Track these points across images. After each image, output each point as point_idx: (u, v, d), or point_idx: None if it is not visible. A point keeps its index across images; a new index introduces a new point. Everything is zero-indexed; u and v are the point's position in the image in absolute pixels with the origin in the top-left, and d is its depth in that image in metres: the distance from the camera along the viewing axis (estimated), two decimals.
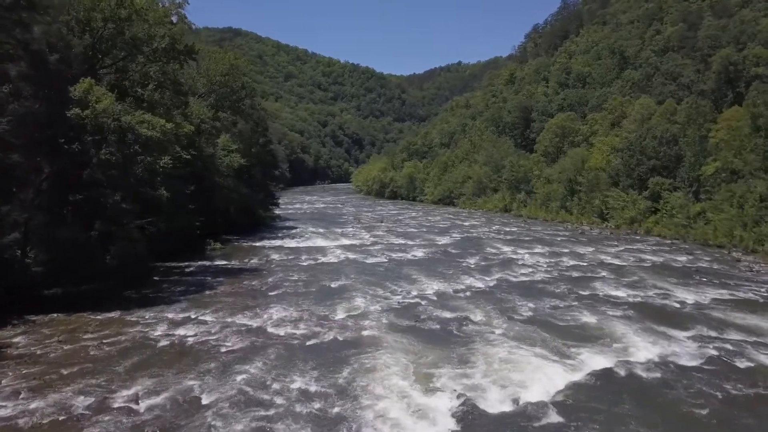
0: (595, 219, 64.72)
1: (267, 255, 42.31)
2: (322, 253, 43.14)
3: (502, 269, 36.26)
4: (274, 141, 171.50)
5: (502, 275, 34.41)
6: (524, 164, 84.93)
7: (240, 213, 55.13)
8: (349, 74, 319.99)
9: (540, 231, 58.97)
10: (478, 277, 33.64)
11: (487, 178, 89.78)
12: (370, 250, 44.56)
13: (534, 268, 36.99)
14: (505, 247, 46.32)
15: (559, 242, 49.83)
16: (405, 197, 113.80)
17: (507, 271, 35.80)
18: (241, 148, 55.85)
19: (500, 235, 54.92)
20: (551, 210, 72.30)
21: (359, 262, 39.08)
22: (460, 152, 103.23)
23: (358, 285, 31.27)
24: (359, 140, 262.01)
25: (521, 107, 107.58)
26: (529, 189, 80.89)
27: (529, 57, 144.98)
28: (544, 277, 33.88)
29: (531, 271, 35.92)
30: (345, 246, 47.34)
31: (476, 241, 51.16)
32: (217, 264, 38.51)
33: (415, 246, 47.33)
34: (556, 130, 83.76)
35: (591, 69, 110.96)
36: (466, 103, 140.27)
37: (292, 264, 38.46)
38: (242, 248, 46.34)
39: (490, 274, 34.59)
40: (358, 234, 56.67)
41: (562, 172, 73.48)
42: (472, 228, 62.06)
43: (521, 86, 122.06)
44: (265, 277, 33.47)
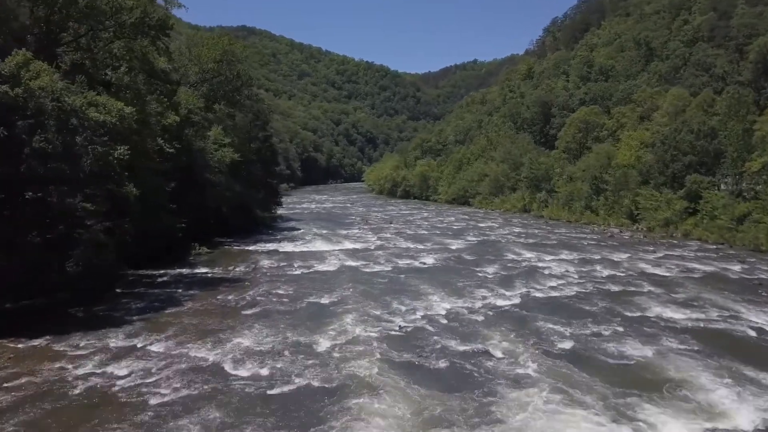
0: (624, 220, 58.63)
1: (256, 261, 37.00)
2: (320, 260, 37.74)
3: (527, 281, 30.52)
4: (286, 139, 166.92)
5: (526, 289, 28.69)
6: (544, 161, 78.93)
7: (235, 213, 49.93)
8: (363, 72, 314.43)
9: (564, 234, 53.06)
10: (497, 292, 27.97)
11: (504, 176, 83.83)
12: (373, 256, 39.08)
13: (564, 279, 31.21)
14: (528, 253, 40.57)
15: (587, 247, 43.96)
16: (417, 196, 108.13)
17: (532, 283, 30.06)
18: (236, 142, 50.63)
19: (520, 239, 49.12)
20: (575, 210, 66.26)
21: (359, 271, 33.58)
22: (476, 149, 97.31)
23: (353, 302, 25.78)
24: (373, 139, 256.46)
25: (540, 102, 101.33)
26: (549, 188, 74.87)
27: (548, 51, 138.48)
28: (578, 292, 28.10)
29: (561, 283, 30.14)
30: (347, 251, 41.92)
31: (494, 245, 45.45)
32: (197, 272, 33.25)
33: (425, 251, 41.75)
34: (579, 125, 77.57)
35: (614, 62, 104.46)
36: (482, 99, 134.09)
37: (282, 273, 33.08)
38: (231, 253, 41.12)
39: (512, 288, 28.89)
40: (364, 236, 51.23)
41: (586, 169, 67.44)
42: (489, 230, 56.31)
43: (540, 80, 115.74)
44: (246, 291, 28.11)
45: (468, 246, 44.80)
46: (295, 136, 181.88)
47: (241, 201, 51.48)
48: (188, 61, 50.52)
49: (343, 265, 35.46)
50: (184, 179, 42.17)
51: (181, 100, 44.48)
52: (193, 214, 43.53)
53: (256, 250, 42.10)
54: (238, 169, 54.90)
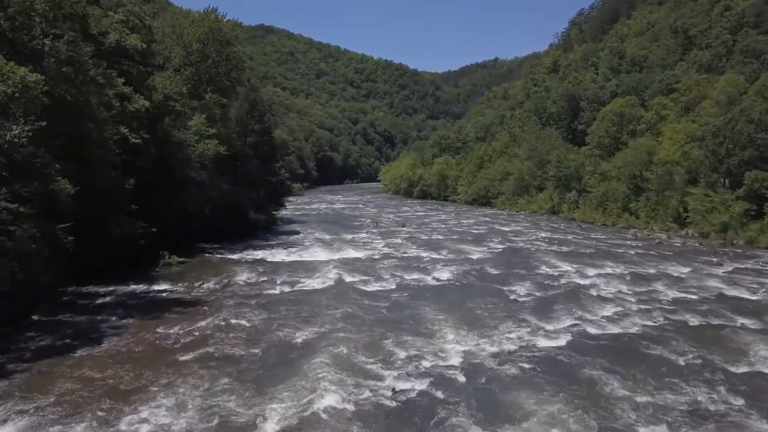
0: (670, 224, 50.60)
1: (233, 275, 29.95)
2: (311, 273, 30.60)
3: (571, 308, 22.96)
4: (301, 138, 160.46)
5: (572, 321, 21.15)
6: (574, 158, 71.00)
7: (222, 215, 43.03)
8: (382, 71, 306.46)
9: (602, 240, 45.23)
10: (534, 326, 20.49)
11: (530, 174, 75.98)
12: (377, 269, 31.80)
13: (620, 305, 23.59)
14: (565, 265, 32.99)
15: (635, 257, 36.19)
16: (435, 197, 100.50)
17: (579, 311, 22.50)
18: (225, 133, 43.78)
19: (553, 246, 41.47)
20: (610, 212, 58.28)
21: (355, 291, 26.31)
22: (498, 146, 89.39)
23: (334, 342, 18.47)
24: (391, 138, 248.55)
25: (567, 95, 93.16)
26: (580, 187, 66.95)
27: (574, 44, 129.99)
28: (645, 327, 20.49)
29: (617, 312, 22.51)
30: (347, 261, 34.72)
31: (523, 254, 37.89)
32: (152, 290, 26.28)
33: (441, 262, 34.36)
34: (612, 118, 69.38)
35: (648, 51, 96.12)
36: (504, 94, 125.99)
37: (258, 292, 25.97)
38: (208, 263, 34.15)
39: (553, 319, 21.38)
40: (371, 242, 44.01)
41: (623, 167, 59.43)
42: (515, 235, 48.67)
43: (567, 73, 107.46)
44: (199, 320, 21.00)
45: (491, 255, 37.31)
46: (311, 134, 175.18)
47: (231, 201, 44.62)
48: (173, 42, 43.87)
49: (337, 282, 28.24)
50: (158, 176, 35.50)
51: (157, 84, 37.72)
52: (169, 217, 36.88)
53: (239, 260, 35.11)
54: (230, 165, 48.18)
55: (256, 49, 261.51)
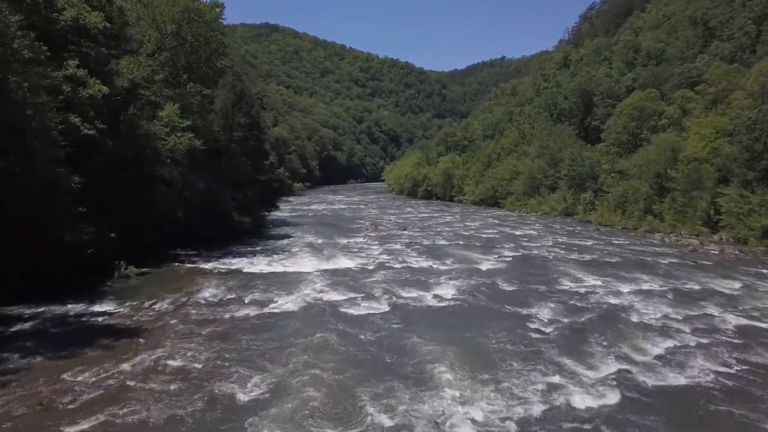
0: (700, 228, 45.21)
1: (195, 291, 24.90)
2: (290, 288, 25.51)
3: (611, 341, 17.72)
4: (303, 136, 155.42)
5: (617, 363, 15.89)
6: (589, 156, 65.64)
7: (201, 218, 38.03)
8: (387, 70, 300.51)
9: (627, 246, 39.93)
10: (568, 371, 15.27)
11: (541, 173, 70.65)
12: (368, 284, 26.67)
13: (672, 336, 18.33)
14: (591, 278, 27.77)
15: (670, 268, 30.91)
16: (440, 197, 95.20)
17: (622, 345, 17.26)
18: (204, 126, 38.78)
19: (572, 253, 36.22)
20: (631, 215, 52.89)
21: (337, 314, 21.17)
22: (507, 143, 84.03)
23: (292, 399, 13.33)
24: (396, 137, 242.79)
25: (580, 91, 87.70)
26: (596, 187, 61.63)
27: (585, 38, 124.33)
28: (717, 372, 15.20)
29: (672, 347, 17.25)
30: (335, 272, 29.65)
31: (540, 264, 32.66)
32: (87, 313, 21.18)
33: (444, 274, 29.20)
34: (631, 113, 63.95)
35: (665, 44, 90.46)
36: (513, 90, 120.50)
37: (217, 315, 20.88)
38: (172, 275, 29.10)
39: (591, 361, 16.10)
40: (367, 249, 38.91)
41: (644, 164, 54.06)
42: (529, 240, 43.42)
43: (578, 68, 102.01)
44: (125, 359, 15.90)
45: (503, 266, 32.10)
46: (314, 133, 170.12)
47: (212, 202, 39.62)
48: (147, 24, 39.01)
49: (317, 301, 23.13)
50: (120, 173, 30.59)
51: (121, 68, 32.80)
52: (134, 220, 31.97)
53: (211, 270, 30.08)
54: (212, 161, 43.24)
55: (260, 48, 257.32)
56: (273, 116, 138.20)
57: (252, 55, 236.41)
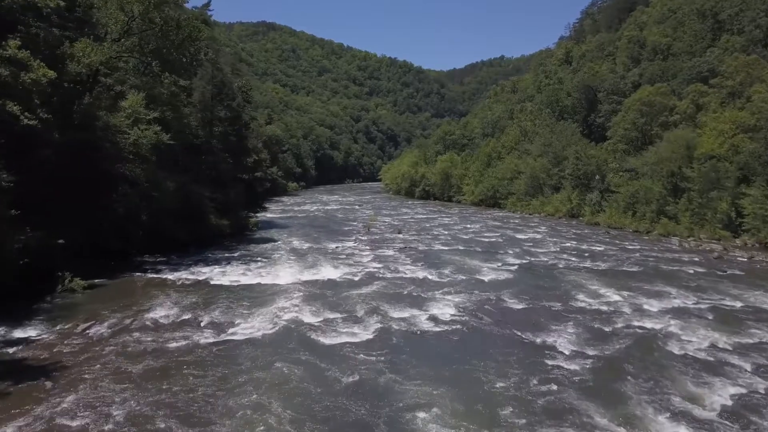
0: (720, 231, 41.30)
1: (146, 309, 20.85)
2: (258, 306, 21.48)
3: (651, 383, 13.70)
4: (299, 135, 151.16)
5: (668, 420, 11.92)
6: (594, 154, 61.70)
7: (172, 220, 34.02)
8: (386, 68, 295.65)
9: (644, 252, 35.94)
10: (601, 429, 11.33)
11: (544, 172, 66.68)
12: (352, 300, 22.65)
13: (729, 375, 14.29)
14: (611, 292, 23.80)
15: (698, 279, 26.95)
16: (438, 197, 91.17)
17: (670, 392, 13.22)
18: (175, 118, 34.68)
19: (585, 261, 32.25)
20: (643, 217, 48.89)
21: (308, 343, 17.10)
22: (508, 141, 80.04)
23: None
24: (394, 136, 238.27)
25: (583, 87, 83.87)
26: (603, 187, 57.72)
27: (587, 34, 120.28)
28: None
29: (736, 395, 13.20)
30: (316, 285, 25.65)
31: (550, 274, 28.65)
32: (3, 340, 17.23)
33: (441, 287, 25.18)
34: (640, 109, 60.02)
35: (672, 39, 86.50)
36: (513, 87, 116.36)
37: (162, 344, 16.80)
38: (125, 288, 25.03)
39: (631, 419, 12.12)
40: (356, 254, 34.93)
41: (657, 163, 50.10)
42: (534, 244, 39.42)
43: (581, 64, 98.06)
44: (12, 417, 11.98)
45: (509, 276, 28.10)
46: (310, 132, 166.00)
47: (186, 203, 35.61)
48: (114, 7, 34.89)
49: (287, 324, 19.10)
50: (73, 170, 26.62)
51: (76, 51, 28.78)
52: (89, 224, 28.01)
53: (174, 282, 26.06)
54: (188, 159, 39.29)
55: (256, 46, 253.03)
56: (267, 114, 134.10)
57: (248, 53, 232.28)
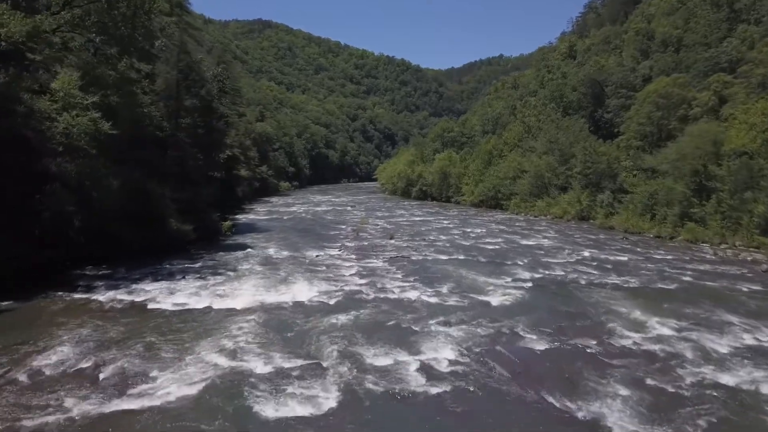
0: (759, 238, 35.80)
1: (44, 348, 15.27)
2: (192, 345, 15.90)
3: None
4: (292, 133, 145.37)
5: None
6: (606, 151, 56.21)
7: (121, 225, 28.47)
8: (383, 67, 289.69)
9: (676, 263, 30.38)
10: None
11: (550, 171, 61.17)
12: (321, 333, 17.07)
13: None
14: (656, 322, 18.27)
15: (759, 300, 21.44)
16: (436, 197, 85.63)
17: None
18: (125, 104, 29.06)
19: (610, 275, 26.72)
20: (664, 220, 43.40)
21: (238, 421, 11.60)
22: (511, 137, 74.49)
23: None
24: (391, 135, 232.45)
25: (589, 81, 78.52)
26: (615, 187, 52.30)
27: (591, 28, 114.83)
28: None
29: None
30: (278, 310, 20.09)
31: (573, 294, 23.10)
32: None
33: (438, 314, 19.61)
34: (656, 101, 54.54)
35: (683, 31, 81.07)
36: (514, 83, 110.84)
37: (27, 413, 11.34)
38: (33, 314, 19.34)
39: None
40: (338, 266, 29.39)
41: (679, 159, 44.61)
42: (546, 253, 33.85)
43: (586, 58, 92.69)
44: None
45: (522, 297, 22.54)
46: (305, 130, 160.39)
47: (140, 205, 30.07)
48: None
49: (226, 378, 13.51)
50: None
51: None
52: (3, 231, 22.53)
53: (101, 306, 20.49)
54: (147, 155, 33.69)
55: (252, 44, 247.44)
56: (259, 111, 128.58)
57: (243, 50, 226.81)
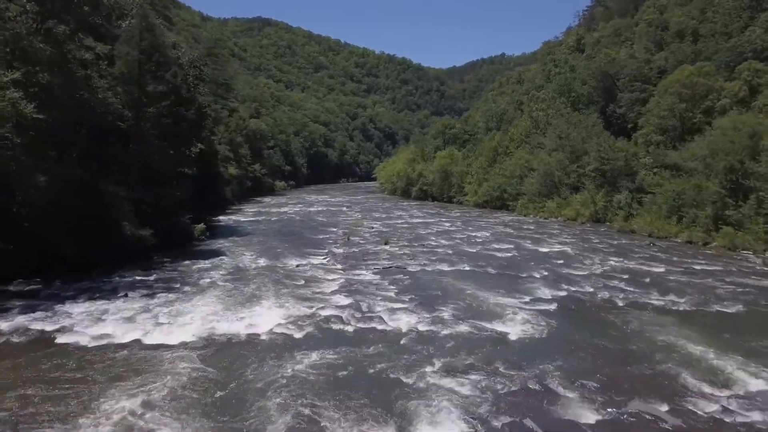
0: None
1: None
2: (74, 419, 10.97)
3: None
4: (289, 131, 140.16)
5: None
6: (622, 147, 51.08)
7: (62, 231, 23.51)
8: (384, 65, 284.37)
9: (721, 275, 25.23)
10: None
11: (561, 169, 56.03)
12: (277, 384, 12.08)
13: None
14: (737, 368, 13.24)
15: None
16: (437, 197, 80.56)
17: None
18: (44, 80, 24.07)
19: (650, 294, 21.63)
20: (693, 223, 38.26)
21: None
22: (517, 133, 69.32)
23: None
24: (392, 134, 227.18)
25: (600, 74, 73.45)
26: (634, 186, 47.23)
27: (600, 22, 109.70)
28: None
29: None
30: (227, 349, 15.08)
31: (610, 321, 18.01)
32: None
33: (438, 356, 14.57)
34: (680, 92, 49.41)
35: (698, 22, 75.96)
36: (518, 78, 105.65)
37: None
38: None
39: None
40: (320, 280, 24.38)
41: (711, 155, 39.53)
42: (565, 262, 28.69)
43: (596, 51, 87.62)
44: None
45: (547, 326, 17.43)
46: (303, 128, 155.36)
47: (86, 207, 25.09)
48: None
49: None
50: None
51: None
52: None
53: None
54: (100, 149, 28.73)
55: (251, 41, 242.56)
56: (254, 108, 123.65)
57: (241, 48, 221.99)
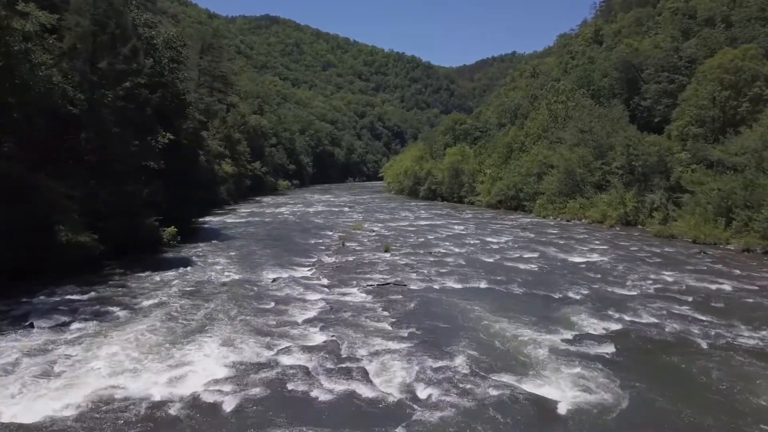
0: None
1: None
2: None
3: None
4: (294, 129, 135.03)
5: None
6: (654, 142, 45.35)
7: None
8: (393, 63, 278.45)
9: None
10: None
11: (583, 166, 50.27)
12: None
13: None
14: None
15: None
16: (447, 197, 74.94)
17: None
18: None
19: (730, 325, 16.06)
20: (746, 227, 32.46)
21: None
22: (534, 127, 63.50)
23: None
24: (401, 133, 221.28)
25: (623, 65, 67.74)
26: (669, 185, 41.59)
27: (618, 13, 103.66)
28: None
29: None
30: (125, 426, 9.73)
31: (691, 376, 12.49)
32: None
33: None
34: (722, 77, 43.51)
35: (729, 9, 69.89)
36: (533, 71, 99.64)
37: None
38: None
39: None
40: (296, 302, 18.98)
41: (764, 150, 33.74)
42: (603, 276, 23.08)
43: (617, 41, 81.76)
44: None
45: (608, 385, 11.90)
46: (308, 126, 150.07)
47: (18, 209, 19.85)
48: None
49: None
50: None
51: None
52: None
53: None
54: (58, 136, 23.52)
55: (259, 40, 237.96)
56: (258, 104, 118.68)
57: (248, 45, 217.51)
